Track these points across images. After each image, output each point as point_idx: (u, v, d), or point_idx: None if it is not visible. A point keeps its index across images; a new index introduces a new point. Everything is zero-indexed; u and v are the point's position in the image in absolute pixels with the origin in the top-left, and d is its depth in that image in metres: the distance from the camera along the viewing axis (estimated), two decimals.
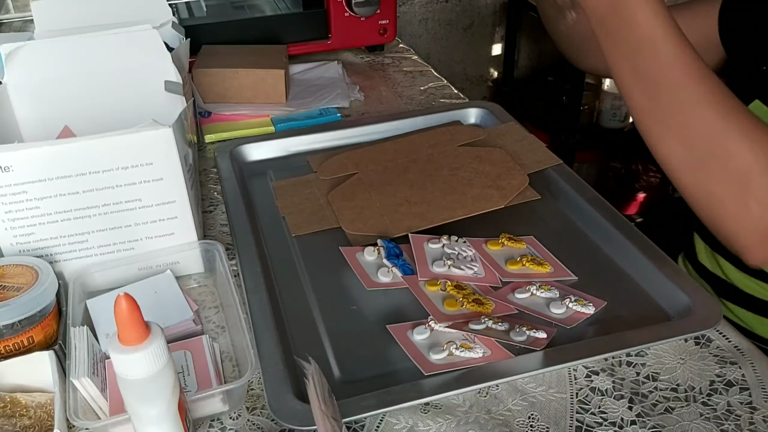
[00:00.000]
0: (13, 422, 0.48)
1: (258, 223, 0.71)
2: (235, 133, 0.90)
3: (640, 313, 0.59)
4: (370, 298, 0.61)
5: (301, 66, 1.09)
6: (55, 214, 0.58)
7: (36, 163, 0.55)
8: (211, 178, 0.82)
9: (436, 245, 0.66)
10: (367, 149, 0.82)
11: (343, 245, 0.67)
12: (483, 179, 0.72)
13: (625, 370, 0.54)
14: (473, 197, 0.70)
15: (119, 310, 0.39)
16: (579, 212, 0.72)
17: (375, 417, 0.50)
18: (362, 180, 0.75)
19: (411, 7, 1.98)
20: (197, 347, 0.55)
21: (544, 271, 0.63)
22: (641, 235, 0.66)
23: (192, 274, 0.65)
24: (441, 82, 1.08)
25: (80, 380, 0.48)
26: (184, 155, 0.62)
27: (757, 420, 0.50)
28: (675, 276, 0.60)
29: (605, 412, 0.51)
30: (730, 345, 0.56)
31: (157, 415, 0.42)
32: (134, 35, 0.70)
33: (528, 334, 0.55)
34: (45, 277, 0.54)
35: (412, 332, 0.57)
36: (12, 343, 0.52)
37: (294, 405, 0.49)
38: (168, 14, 0.81)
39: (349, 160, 0.80)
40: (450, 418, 0.50)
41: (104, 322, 0.57)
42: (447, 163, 0.76)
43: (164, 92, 0.68)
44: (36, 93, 0.70)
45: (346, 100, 0.99)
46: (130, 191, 0.59)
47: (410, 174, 0.75)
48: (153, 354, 0.40)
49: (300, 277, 0.64)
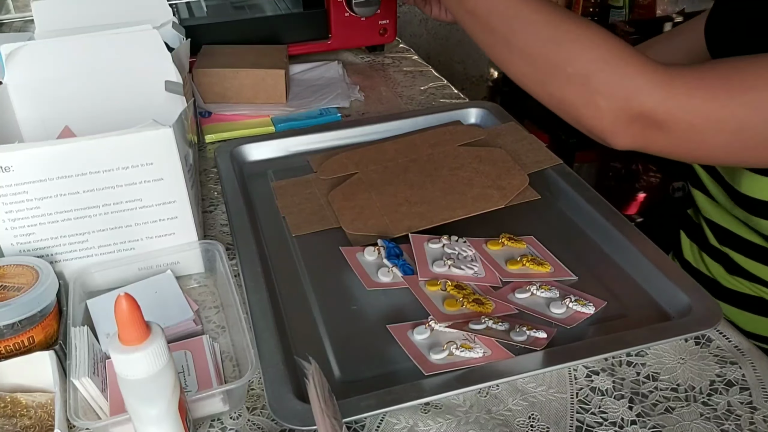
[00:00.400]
0: (14, 422, 0.48)
1: (258, 223, 0.71)
2: (236, 133, 0.90)
3: (640, 313, 0.59)
4: (370, 298, 0.61)
5: (302, 66, 1.09)
6: (55, 214, 0.58)
7: (36, 163, 0.55)
8: (212, 178, 0.82)
9: (436, 245, 0.66)
10: (367, 149, 0.82)
11: (344, 245, 0.67)
12: (483, 179, 0.72)
13: (625, 370, 0.54)
14: (473, 197, 0.70)
15: (120, 310, 0.39)
16: (579, 212, 0.72)
17: (375, 417, 0.50)
18: (362, 180, 0.75)
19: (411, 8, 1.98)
20: (197, 347, 0.55)
21: (545, 271, 0.63)
22: (641, 234, 0.66)
23: (192, 274, 0.65)
24: (441, 82, 1.08)
25: (81, 380, 0.48)
26: (185, 155, 0.62)
27: (758, 420, 0.50)
28: (675, 276, 0.60)
29: (605, 412, 0.51)
30: (730, 345, 0.56)
31: (157, 415, 0.42)
32: (134, 35, 0.70)
33: (528, 334, 0.55)
34: (45, 277, 0.54)
35: (412, 332, 0.57)
36: (12, 343, 0.52)
37: (294, 405, 0.49)
38: (168, 14, 0.81)
39: (349, 160, 0.80)
40: (450, 418, 0.50)
41: (104, 322, 0.57)
42: (447, 163, 0.76)
43: (164, 92, 0.68)
44: (36, 93, 0.70)
45: (347, 100, 0.99)
46: (130, 191, 0.59)
47: (410, 174, 0.75)
48: (153, 354, 0.40)
49: (300, 277, 0.64)
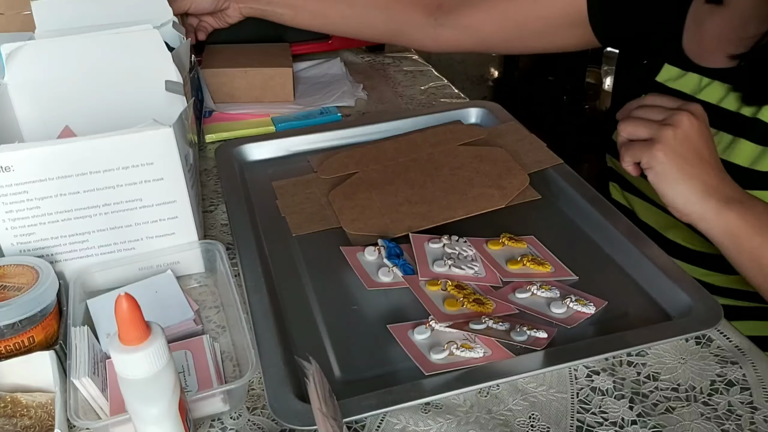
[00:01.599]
0: (14, 422, 0.48)
1: (258, 223, 0.71)
2: (236, 132, 0.90)
3: (640, 313, 0.59)
4: (370, 298, 0.61)
5: (303, 63, 1.09)
6: (55, 214, 0.58)
7: (37, 163, 0.55)
8: (212, 178, 0.82)
9: (436, 245, 0.66)
10: (367, 148, 0.82)
11: (344, 245, 0.67)
12: (484, 179, 0.72)
13: (625, 369, 0.54)
14: (474, 197, 0.70)
15: (120, 309, 0.39)
16: (579, 212, 0.71)
17: (375, 417, 0.50)
18: (363, 179, 0.75)
19: None
20: (198, 347, 0.55)
21: (545, 271, 0.63)
22: (642, 234, 0.66)
23: (192, 273, 0.65)
24: (441, 82, 1.08)
25: (81, 380, 0.48)
26: (185, 155, 0.62)
27: (758, 420, 0.50)
28: (676, 276, 0.60)
29: (606, 412, 0.51)
30: (730, 345, 0.56)
31: (157, 415, 0.42)
32: (134, 35, 0.70)
33: (528, 334, 0.55)
34: (45, 277, 0.54)
35: (412, 332, 0.57)
36: (13, 342, 0.52)
37: (294, 405, 0.49)
38: (168, 14, 0.81)
39: (350, 159, 0.80)
40: (451, 418, 0.50)
41: (105, 322, 0.57)
42: (448, 163, 0.76)
43: (165, 92, 0.68)
44: (36, 93, 0.70)
45: (352, 98, 0.99)
46: (130, 191, 0.59)
47: (411, 173, 0.75)
48: (154, 354, 0.40)
49: (301, 277, 0.64)
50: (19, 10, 0.86)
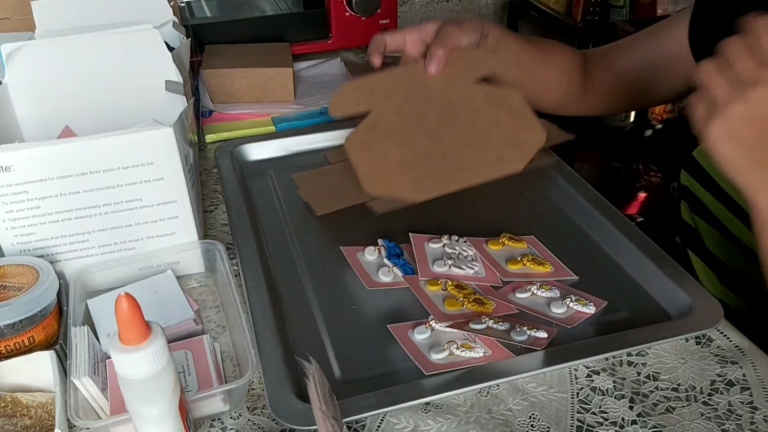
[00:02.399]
0: (14, 422, 0.48)
1: (259, 223, 0.71)
2: (236, 132, 0.90)
3: (640, 313, 0.59)
4: (370, 298, 0.61)
5: (303, 63, 1.09)
6: (55, 214, 0.58)
7: (37, 162, 0.55)
8: (212, 178, 0.82)
9: (436, 245, 0.66)
10: (378, 78, 0.75)
11: (344, 245, 0.67)
12: (500, 133, 0.70)
13: (625, 369, 0.54)
14: (492, 158, 0.68)
15: (120, 309, 0.39)
16: (579, 212, 0.71)
17: (376, 417, 0.50)
18: (377, 125, 0.72)
19: (412, 7, 1.98)
20: (198, 347, 0.55)
21: (545, 271, 0.63)
22: (642, 234, 0.66)
23: (193, 273, 0.65)
24: None
25: (81, 380, 0.48)
26: (185, 155, 0.62)
27: (758, 420, 0.50)
28: (676, 276, 0.60)
29: (606, 411, 0.51)
30: (730, 344, 0.56)
31: (157, 415, 0.42)
32: (134, 35, 0.71)
33: (529, 334, 0.55)
34: (46, 277, 0.54)
35: (412, 332, 0.57)
36: (13, 342, 0.52)
37: (295, 405, 0.49)
38: (168, 14, 0.81)
39: (361, 92, 0.74)
40: (451, 418, 0.50)
41: (105, 322, 0.57)
42: (463, 106, 0.72)
43: (165, 92, 0.68)
44: (36, 93, 0.70)
45: None
46: (130, 191, 0.59)
47: (426, 118, 0.71)
48: (154, 354, 0.40)
49: (300, 277, 0.64)
50: (24, 15, 0.87)
